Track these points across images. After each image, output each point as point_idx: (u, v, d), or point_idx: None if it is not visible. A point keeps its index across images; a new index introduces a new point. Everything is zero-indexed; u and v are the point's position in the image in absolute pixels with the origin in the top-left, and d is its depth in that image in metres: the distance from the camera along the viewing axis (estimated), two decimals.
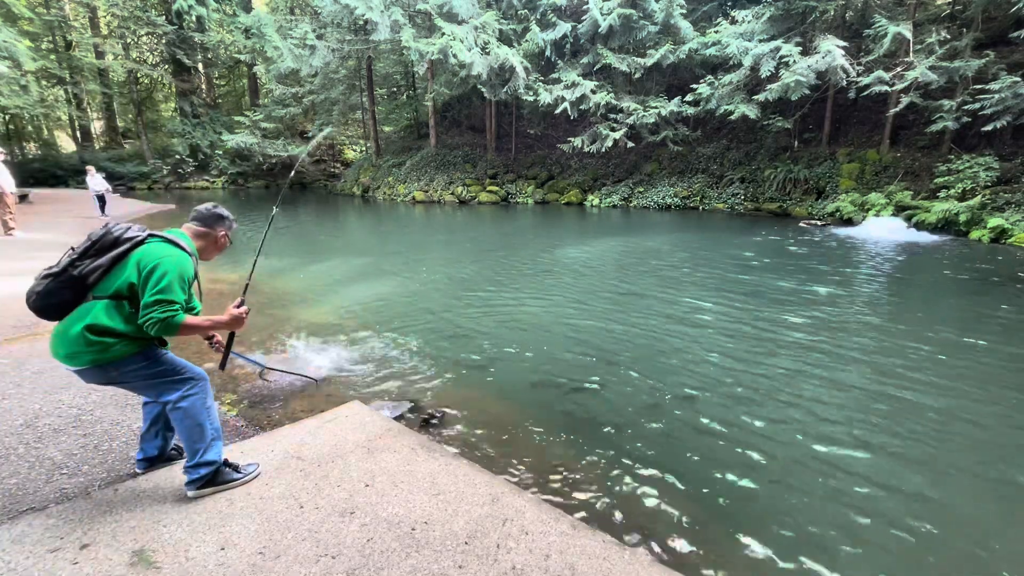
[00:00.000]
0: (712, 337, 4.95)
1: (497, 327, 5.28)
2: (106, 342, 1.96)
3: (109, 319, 1.96)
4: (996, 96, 11.13)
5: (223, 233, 2.30)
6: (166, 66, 29.81)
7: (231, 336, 2.52)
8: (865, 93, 13.11)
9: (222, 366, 2.59)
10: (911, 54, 12.64)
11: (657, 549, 2.26)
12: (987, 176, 11.42)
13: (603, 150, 17.45)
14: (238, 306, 2.22)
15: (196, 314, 2.27)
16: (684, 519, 2.46)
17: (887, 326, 5.25)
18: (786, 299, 6.23)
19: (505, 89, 18.02)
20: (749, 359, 4.40)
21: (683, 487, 2.71)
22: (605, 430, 3.28)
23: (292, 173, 3.39)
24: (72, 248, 2.05)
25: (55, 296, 1.97)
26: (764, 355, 4.49)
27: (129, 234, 2.05)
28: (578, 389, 3.86)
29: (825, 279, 7.27)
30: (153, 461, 2.47)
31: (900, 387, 3.87)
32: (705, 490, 2.69)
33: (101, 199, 14.02)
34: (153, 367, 2.08)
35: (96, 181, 13.93)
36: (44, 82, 27.03)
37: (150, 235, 2.08)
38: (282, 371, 3.85)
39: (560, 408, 3.58)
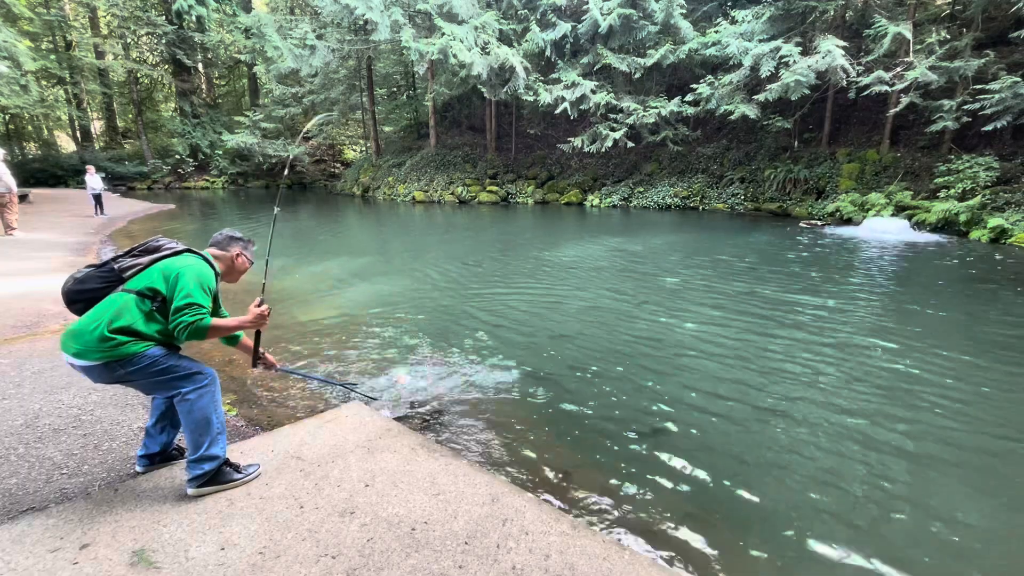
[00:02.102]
0: (712, 339, 4.95)
1: (496, 327, 5.29)
2: (118, 340, 2.00)
3: (129, 315, 2.04)
4: (996, 96, 11.13)
5: (237, 252, 2.42)
6: (166, 66, 29.83)
7: (257, 334, 2.57)
8: (865, 93, 13.11)
9: (254, 364, 2.63)
10: (911, 54, 12.64)
11: (657, 549, 2.26)
12: (987, 176, 11.42)
13: (603, 150, 17.45)
14: (258, 305, 2.29)
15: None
16: (685, 519, 2.46)
17: (888, 328, 5.26)
18: (786, 301, 6.24)
19: (505, 89, 18.01)
20: (750, 360, 4.40)
21: (684, 487, 2.71)
22: (606, 430, 3.28)
23: (286, 171, 3.35)
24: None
25: (89, 283, 2.09)
26: (765, 356, 4.49)
27: (171, 245, 2.23)
28: (579, 389, 3.87)
29: (825, 281, 7.27)
30: (154, 458, 2.47)
31: (902, 391, 3.87)
32: (706, 490, 2.69)
33: (97, 198, 14.20)
34: (161, 365, 2.09)
35: (94, 180, 14.11)
36: (44, 82, 27.07)
37: (186, 249, 2.24)
38: (349, 386, 3.64)
39: (561, 408, 3.58)
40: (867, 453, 3.02)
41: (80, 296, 2.08)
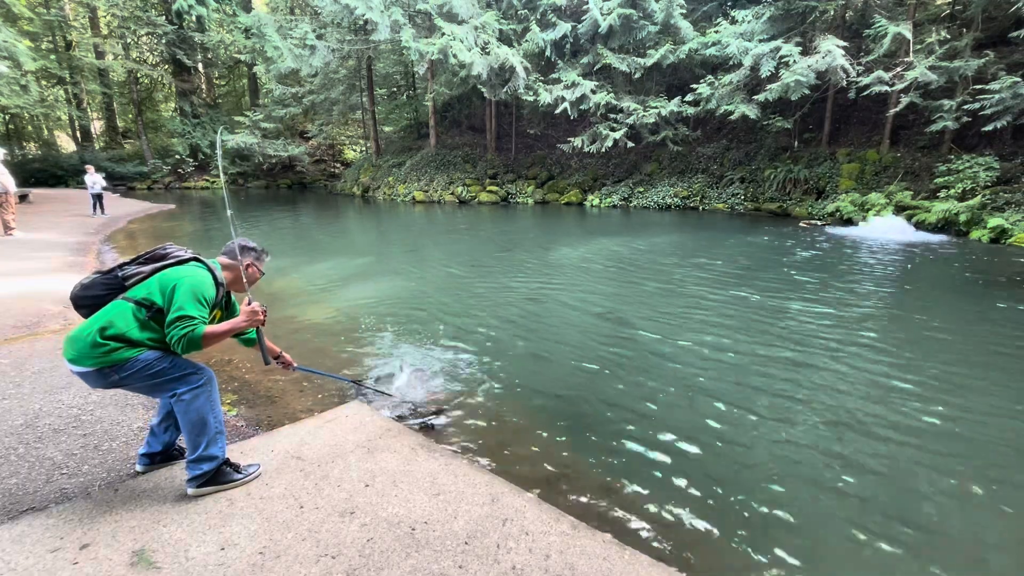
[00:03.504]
0: (712, 339, 4.94)
1: (497, 327, 5.29)
2: (110, 346, 2.01)
3: (124, 323, 2.05)
4: (996, 96, 11.13)
5: (248, 263, 2.37)
6: (166, 66, 29.83)
7: (259, 332, 2.52)
8: (865, 93, 13.11)
9: (266, 361, 2.58)
10: (911, 54, 12.64)
11: (657, 549, 2.26)
12: (987, 176, 11.42)
13: (603, 150, 17.45)
14: (248, 303, 2.26)
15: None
16: (684, 519, 2.46)
17: (888, 327, 5.26)
18: (785, 301, 6.24)
19: (505, 89, 18.01)
20: (750, 361, 4.40)
21: (683, 487, 2.71)
22: (606, 430, 3.28)
23: (220, 168, 3.17)
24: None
25: (92, 289, 2.13)
26: (764, 357, 4.49)
27: (177, 253, 2.24)
28: (579, 389, 3.87)
29: (825, 281, 7.27)
30: (155, 457, 2.48)
31: (901, 393, 3.87)
32: (705, 491, 2.69)
33: (98, 197, 14.17)
34: (153, 368, 2.10)
35: (94, 179, 14.09)
36: (44, 82, 27.08)
37: (192, 258, 2.24)
38: (373, 388, 3.70)
39: (561, 408, 3.58)
40: (869, 458, 3.02)
41: (85, 301, 2.12)
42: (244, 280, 2.34)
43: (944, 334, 5.03)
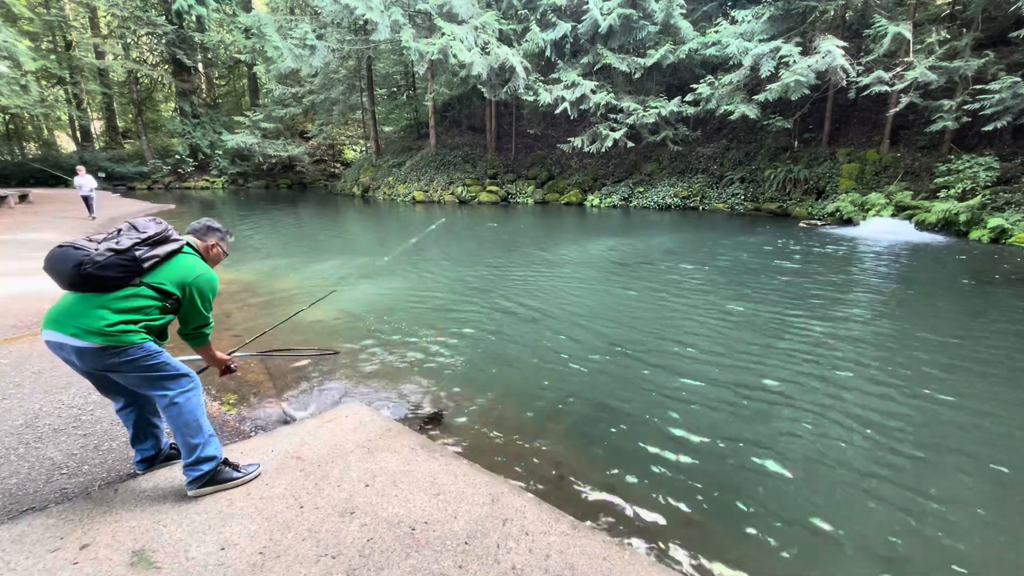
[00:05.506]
0: (711, 339, 4.95)
1: (497, 327, 5.28)
2: (121, 328, 1.99)
3: (139, 305, 2.06)
4: (996, 96, 11.13)
5: (213, 243, 2.44)
6: (166, 66, 29.81)
7: (205, 369, 2.71)
8: (865, 93, 13.11)
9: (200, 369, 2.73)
10: (911, 54, 12.64)
11: (657, 549, 2.26)
12: (987, 176, 11.42)
13: (603, 150, 17.44)
14: (229, 354, 2.58)
15: None
16: (685, 519, 2.46)
17: (886, 328, 5.26)
18: (784, 301, 6.24)
19: (505, 89, 18.01)
20: (750, 361, 4.41)
21: (684, 488, 2.71)
22: (605, 430, 3.28)
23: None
24: (119, 230, 2.15)
25: (112, 271, 1.99)
26: (764, 358, 4.49)
27: (176, 236, 2.25)
28: (579, 389, 3.87)
29: (824, 281, 7.27)
30: (153, 461, 2.47)
31: (900, 393, 3.87)
32: (706, 490, 2.69)
33: (87, 199, 13.76)
34: (153, 360, 2.08)
35: (85, 180, 13.68)
36: (44, 82, 27.07)
37: (187, 243, 2.28)
38: (293, 351, 3.92)
39: (561, 408, 3.58)
40: (870, 458, 3.02)
41: (96, 282, 1.96)
42: (211, 260, 2.44)
43: (948, 332, 5.03)
